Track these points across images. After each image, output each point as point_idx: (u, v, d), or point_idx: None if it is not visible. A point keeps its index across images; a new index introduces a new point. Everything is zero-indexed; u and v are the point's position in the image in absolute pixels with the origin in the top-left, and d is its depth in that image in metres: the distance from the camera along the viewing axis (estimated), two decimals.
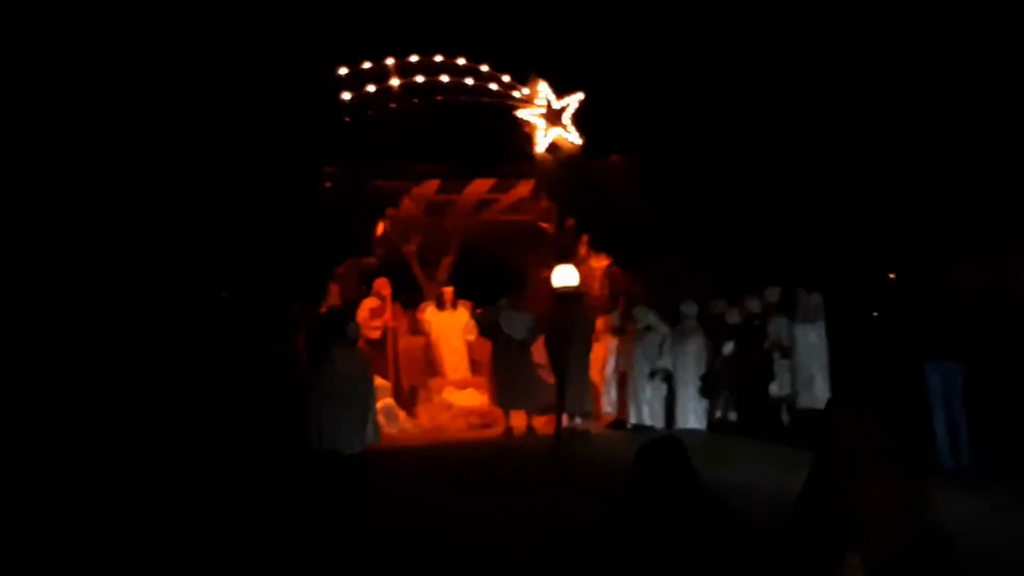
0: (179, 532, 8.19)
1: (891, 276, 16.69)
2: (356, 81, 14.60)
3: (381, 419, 13.75)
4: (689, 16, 17.80)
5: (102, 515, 8.64)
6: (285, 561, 7.40)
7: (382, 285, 15.91)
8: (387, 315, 15.87)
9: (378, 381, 13.98)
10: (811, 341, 13.08)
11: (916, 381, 10.11)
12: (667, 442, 5.87)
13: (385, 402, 14.45)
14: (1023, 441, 10.16)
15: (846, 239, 15.37)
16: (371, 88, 14.64)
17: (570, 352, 11.86)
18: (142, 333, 11.68)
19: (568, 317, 10.48)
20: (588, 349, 13.83)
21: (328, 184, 14.12)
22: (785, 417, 13.07)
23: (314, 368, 12.02)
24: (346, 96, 14.35)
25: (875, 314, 15.38)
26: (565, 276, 8.39)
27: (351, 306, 14.91)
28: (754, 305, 13.51)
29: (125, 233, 11.93)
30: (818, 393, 12.71)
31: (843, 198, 15.69)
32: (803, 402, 12.98)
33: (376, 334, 15.64)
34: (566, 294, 8.63)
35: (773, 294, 13.57)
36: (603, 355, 14.53)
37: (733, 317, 13.57)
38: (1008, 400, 10.74)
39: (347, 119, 14.31)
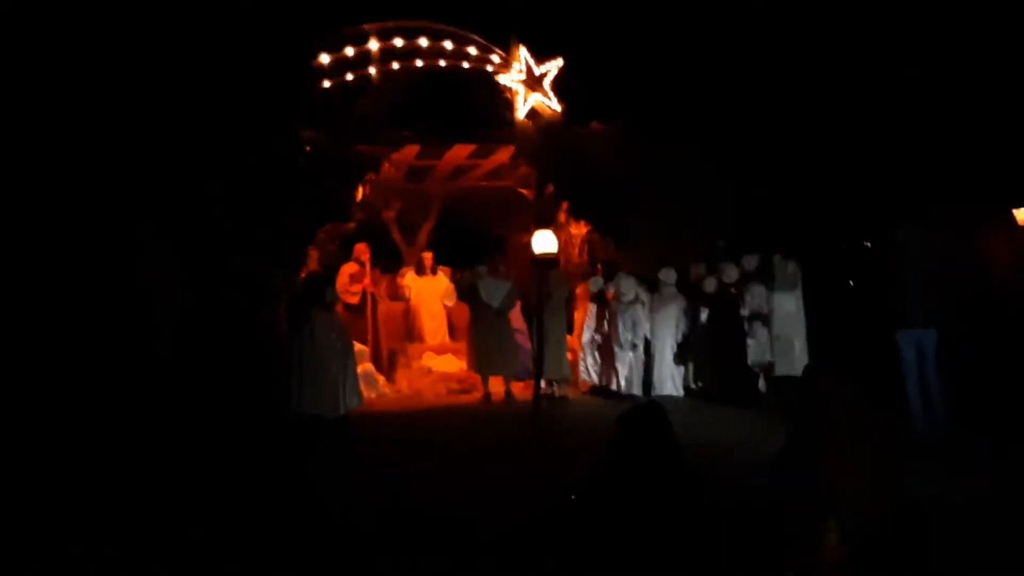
0: (162, 500, 8.23)
1: (866, 244, 16.75)
2: (335, 45, 14.52)
3: (361, 384, 13.81)
4: None
5: (84, 488, 8.64)
6: (271, 524, 7.46)
7: (362, 250, 15.90)
8: (366, 280, 15.87)
9: (357, 346, 14.01)
10: (788, 309, 13.18)
11: (890, 350, 10.20)
12: (649, 408, 5.94)
13: (364, 367, 14.49)
14: (996, 409, 10.27)
15: (823, 207, 15.42)
16: (350, 52, 14.57)
17: (548, 317, 11.92)
18: (125, 301, 11.64)
19: (546, 282, 10.52)
20: (565, 315, 13.93)
21: (308, 148, 14.07)
22: (762, 384, 13.17)
23: (294, 334, 12.03)
24: (325, 60, 14.27)
25: (850, 282, 15.45)
26: (544, 242, 8.37)
27: (330, 271, 14.90)
28: (732, 272, 13.58)
29: (106, 199, 11.86)
30: (795, 361, 12.82)
31: (821, 166, 15.72)
32: (780, 369, 13.08)
33: (355, 299, 15.65)
34: (544, 260, 8.62)
35: (751, 261, 13.64)
36: (581, 321, 14.61)
37: (711, 285, 13.65)
38: (981, 368, 10.84)
39: (326, 83, 14.24)
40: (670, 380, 13.70)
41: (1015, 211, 12.83)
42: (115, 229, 11.75)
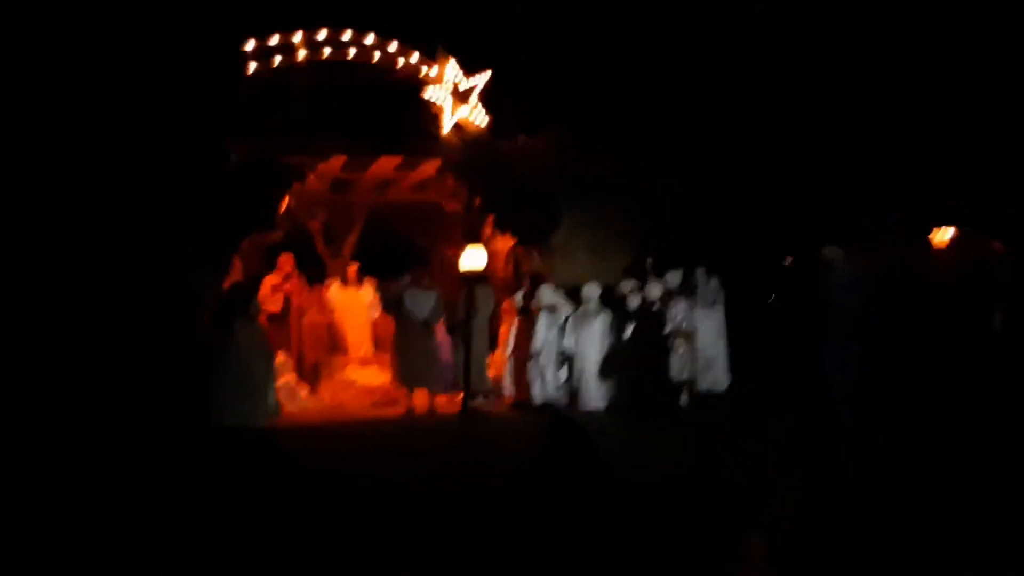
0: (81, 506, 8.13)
1: (788, 259, 17.00)
2: (263, 54, 14.43)
3: (281, 396, 13.72)
4: None
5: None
6: (193, 535, 7.39)
7: (285, 261, 15.80)
8: (288, 286, 15.74)
9: (280, 358, 13.93)
10: (711, 324, 13.35)
11: (813, 361, 10.34)
12: (567, 424, 5.99)
13: (286, 378, 14.39)
14: (922, 414, 10.48)
15: (746, 223, 15.65)
16: (277, 61, 14.48)
17: (472, 333, 11.95)
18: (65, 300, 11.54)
19: (472, 298, 10.57)
20: (488, 329, 13.99)
21: (234, 158, 13.96)
22: (684, 399, 13.31)
23: (217, 343, 11.93)
24: (252, 69, 14.18)
25: (772, 297, 15.68)
26: (474, 258, 8.42)
27: (254, 281, 14.78)
28: (656, 289, 13.70)
29: (35, 202, 11.74)
30: (718, 376, 12.99)
31: (744, 183, 15.96)
32: (703, 385, 13.25)
33: (276, 307, 15.52)
34: (473, 275, 8.67)
35: (674, 277, 13.78)
36: (507, 335, 14.65)
37: (634, 300, 13.75)
38: (907, 379, 11.08)
39: (253, 92, 14.14)
40: (595, 394, 13.77)
41: (931, 236, 13.15)
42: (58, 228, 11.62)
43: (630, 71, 16.78)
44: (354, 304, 16.26)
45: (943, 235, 13.78)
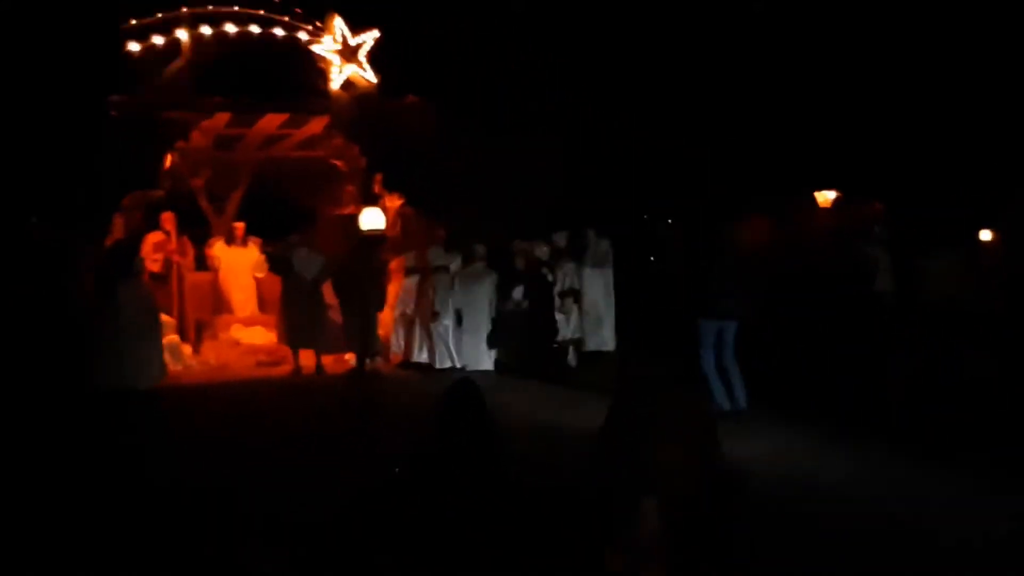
0: None
1: (668, 221, 17.28)
2: (143, 9, 14.08)
3: (166, 356, 13.50)
4: None
5: None
6: (80, 499, 7.27)
7: (168, 219, 15.48)
8: (170, 247, 15.43)
9: (163, 318, 13.70)
10: (599, 285, 13.50)
11: (691, 335, 10.48)
12: (466, 385, 6.02)
13: (169, 339, 14.14)
14: (796, 388, 10.78)
15: (636, 186, 15.86)
16: (159, 16, 14.15)
17: (368, 293, 11.91)
18: None
19: (368, 259, 10.51)
20: (383, 291, 13.96)
21: (114, 114, 13.62)
22: (572, 359, 13.47)
23: (100, 302, 11.69)
24: (132, 23, 13.83)
25: (651, 259, 15.90)
26: (372, 219, 8.38)
27: (136, 239, 14.47)
28: (543, 250, 13.80)
29: None
30: (605, 336, 13.17)
31: (637, 147, 16.15)
32: (590, 345, 13.42)
33: (157, 267, 15.17)
34: (370, 237, 8.63)
35: (561, 238, 13.89)
36: (395, 295, 14.61)
37: (520, 261, 13.82)
38: (779, 349, 11.37)
39: (134, 47, 13.80)
40: (483, 354, 13.85)
41: (816, 194, 13.45)
42: None
43: (517, 32, 16.80)
44: (239, 263, 16.02)
45: (826, 196, 14.15)
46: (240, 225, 16.24)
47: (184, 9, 14.21)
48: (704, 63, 17.11)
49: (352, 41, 15.15)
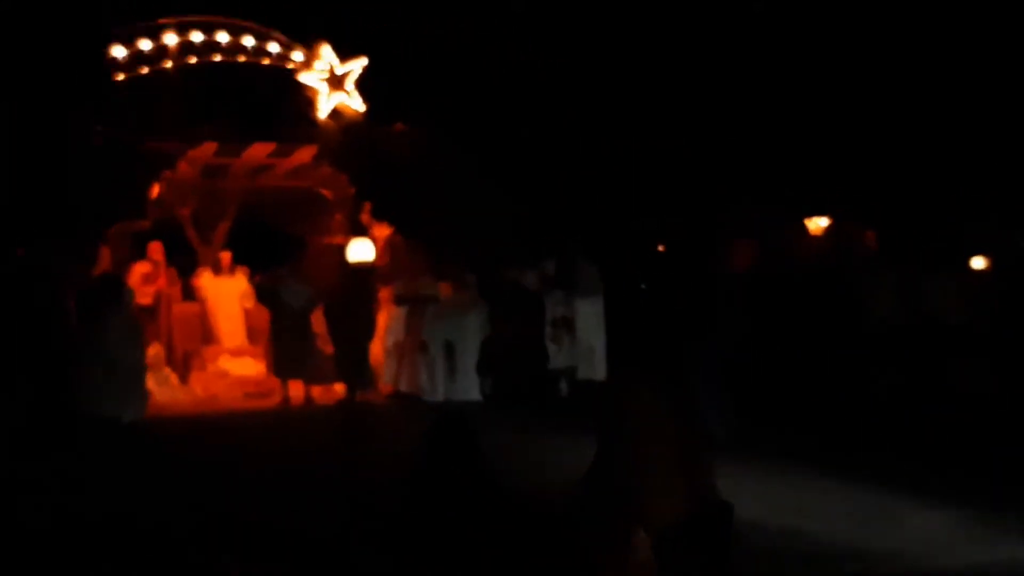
0: None
1: (660, 248, 17.21)
2: (130, 38, 14.03)
3: (153, 387, 13.41)
4: None
5: None
6: (68, 528, 7.15)
7: (155, 250, 15.39)
8: (160, 281, 15.35)
9: (153, 349, 13.62)
10: (590, 314, 13.44)
11: (682, 358, 10.39)
12: (454, 418, 5.93)
13: (157, 370, 14.05)
14: (786, 414, 10.69)
15: (624, 212, 15.81)
16: (146, 46, 14.09)
17: (358, 323, 11.81)
18: None
19: (357, 289, 10.44)
20: (373, 320, 13.87)
21: (100, 143, 13.55)
22: (564, 388, 13.38)
23: (86, 334, 11.59)
24: (119, 53, 13.77)
25: (643, 286, 15.83)
26: (361, 251, 8.31)
27: (122, 270, 14.40)
28: (531, 278, 13.73)
29: None
30: (597, 364, 13.09)
31: (625, 172, 16.12)
32: (582, 373, 13.34)
33: (148, 300, 15.11)
34: (358, 268, 8.56)
35: (550, 266, 13.83)
36: (384, 324, 14.51)
37: (510, 289, 13.74)
38: (769, 373, 11.30)
39: (120, 76, 13.74)
40: (473, 385, 13.74)
41: (807, 221, 13.41)
42: None
43: (502, 59, 16.79)
44: (226, 293, 15.93)
45: (817, 223, 14.12)
46: (227, 255, 16.16)
47: (172, 39, 14.16)
48: (691, 86, 17.12)
49: (339, 70, 15.10)
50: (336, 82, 15.08)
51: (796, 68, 16.68)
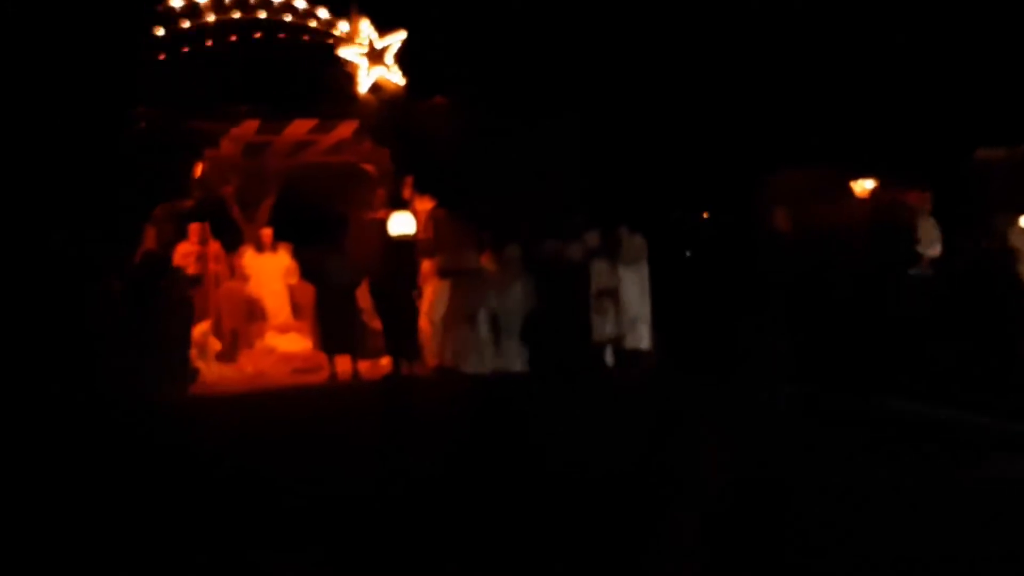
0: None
1: (704, 216, 17.11)
2: (170, 16, 14.07)
3: (201, 365, 13.53)
4: None
5: None
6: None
7: (199, 229, 15.46)
8: (205, 258, 15.41)
9: (198, 327, 13.72)
10: (634, 283, 13.37)
11: (734, 325, 10.33)
12: (502, 388, 5.94)
13: (204, 348, 14.16)
14: (843, 377, 10.58)
15: (667, 179, 15.71)
16: (186, 24, 14.12)
17: (402, 298, 11.81)
18: None
19: (400, 263, 10.46)
20: (417, 295, 13.89)
21: (142, 125, 13.61)
22: (609, 359, 13.33)
23: (133, 313, 11.69)
24: (160, 32, 13.80)
25: (687, 254, 15.76)
26: (402, 224, 8.27)
27: (167, 250, 14.49)
28: (577, 249, 13.68)
29: None
30: (642, 334, 13.03)
31: (664, 139, 16.01)
32: (628, 343, 13.29)
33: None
34: (400, 241, 8.54)
35: (593, 237, 13.76)
36: (428, 298, 14.51)
37: (556, 261, 13.70)
38: (825, 337, 11.20)
39: (161, 56, 13.78)
40: (518, 357, 13.73)
41: (852, 184, 13.24)
42: None
43: (542, 28, 16.68)
44: (270, 270, 15.99)
45: (863, 186, 13.93)
46: (268, 231, 16.21)
47: (212, 17, 14.17)
48: (730, 50, 16.95)
49: (378, 44, 15.07)
50: (375, 56, 15.05)
51: (836, 30, 16.47)
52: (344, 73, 14.94)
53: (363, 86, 14.97)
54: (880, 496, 6.84)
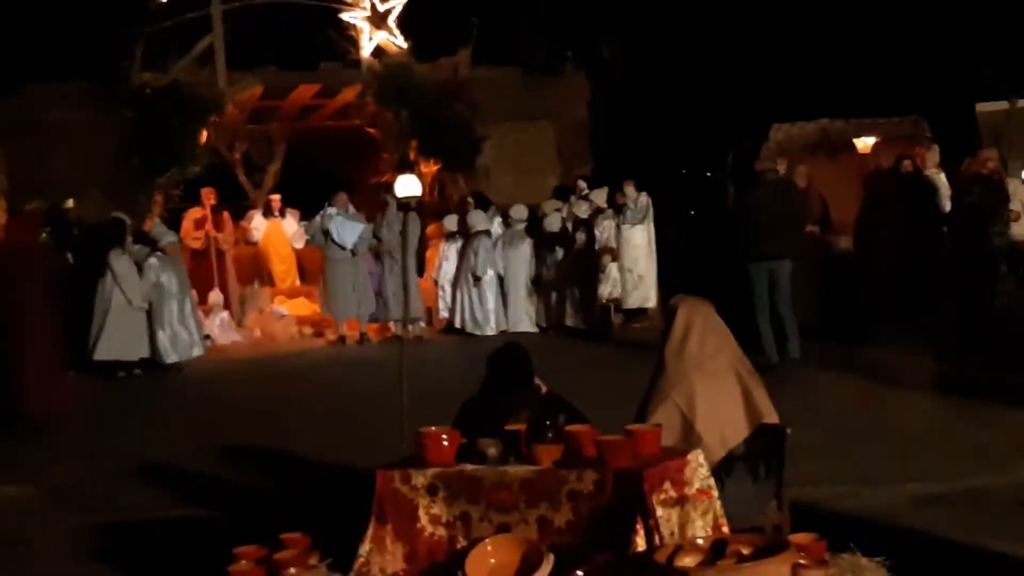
0: None
1: (707, 174, 17.13)
2: None
3: (214, 330, 13.63)
4: None
5: None
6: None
7: (207, 195, 15.50)
8: (208, 226, 15.46)
9: (211, 294, 13.83)
10: (638, 242, 13.40)
11: (740, 281, 10.29)
12: (512, 346, 6.01)
13: (216, 313, 14.26)
14: (849, 331, 10.66)
15: (671, 139, 15.74)
16: None
17: (407, 260, 11.86)
18: None
19: (406, 226, 10.48)
20: (423, 256, 13.97)
21: (148, 92, 13.68)
22: (615, 317, 13.41)
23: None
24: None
25: (692, 213, 15.77)
26: (408, 186, 8.30)
27: (175, 215, 14.59)
28: (581, 208, 13.71)
29: None
30: (647, 292, 13.10)
31: (667, 98, 16.02)
32: (633, 302, 13.35)
33: (198, 244, 15.23)
34: (405, 203, 8.57)
35: (599, 196, 13.78)
36: (434, 260, 14.60)
37: (557, 222, 13.73)
38: (831, 292, 11.27)
39: (166, 23, 13.85)
40: (525, 316, 13.83)
41: (855, 140, 13.25)
42: None
43: None
44: (277, 235, 16.05)
45: (865, 142, 13.95)
46: (276, 197, 16.25)
47: None
48: (735, 8, 16.94)
49: (381, 7, 15.08)
50: (378, 20, 15.07)
51: None
52: (347, 37, 14.97)
53: (366, 50, 15.00)
54: None
